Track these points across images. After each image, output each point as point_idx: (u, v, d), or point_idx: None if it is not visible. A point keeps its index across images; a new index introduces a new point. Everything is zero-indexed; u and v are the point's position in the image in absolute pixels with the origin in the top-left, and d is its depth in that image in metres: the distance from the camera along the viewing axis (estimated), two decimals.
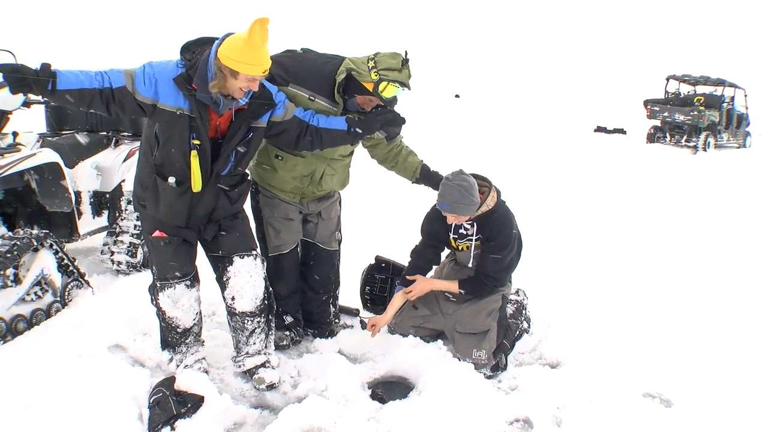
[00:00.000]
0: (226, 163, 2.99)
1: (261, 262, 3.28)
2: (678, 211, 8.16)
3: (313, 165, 3.40)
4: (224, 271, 3.22)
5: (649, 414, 3.11)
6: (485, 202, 3.46)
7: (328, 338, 3.78)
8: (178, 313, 3.24)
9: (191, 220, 3.08)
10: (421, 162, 3.69)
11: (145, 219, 3.21)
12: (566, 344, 3.71)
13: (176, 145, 2.89)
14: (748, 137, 18.25)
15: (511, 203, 3.63)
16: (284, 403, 3.11)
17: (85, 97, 2.75)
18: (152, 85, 2.80)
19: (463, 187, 3.33)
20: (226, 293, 3.26)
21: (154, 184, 3.00)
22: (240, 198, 3.21)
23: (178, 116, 2.83)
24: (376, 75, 3.10)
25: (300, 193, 3.50)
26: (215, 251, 3.24)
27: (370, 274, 4.21)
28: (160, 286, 3.21)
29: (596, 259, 5.61)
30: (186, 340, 3.31)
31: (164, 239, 3.13)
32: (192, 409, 2.92)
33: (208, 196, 3.03)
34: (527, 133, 17.04)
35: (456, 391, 3.09)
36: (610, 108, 25.44)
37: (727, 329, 4.11)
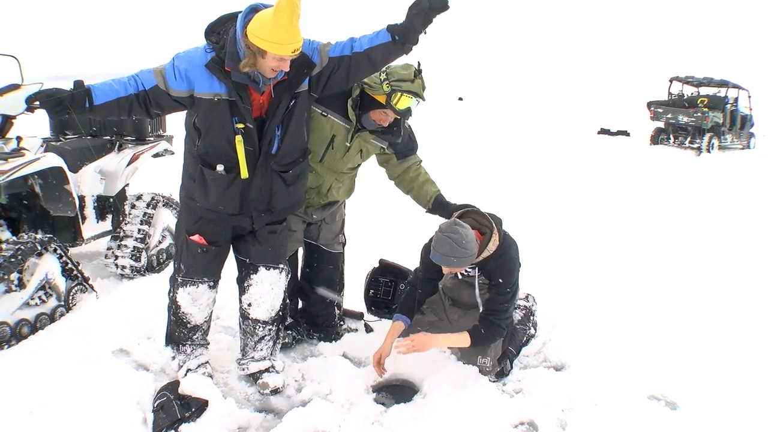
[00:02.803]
0: (273, 140, 2.88)
1: (286, 275, 3.27)
2: (683, 213, 8.14)
3: (320, 179, 3.40)
4: (247, 277, 3.21)
5: (655, 416, 3.10)
6: (486, 248, 3.18)
7: (333, 342, 3.77)
8: (194, 310, 3.22)
9: (244, 206, 2.97)
10: (437, 192, 3.57)
11: (187, 216, 3.10)
12: (571, 347, 3.69)
13: (219, 132, 2.79)
14: (752, 138, 18.19)
15: (515, 207, 3.55)
16: (288, 407, 3.10)
17: (123, 106, 2.72)
18: (184, 77, 2.72)
19: (453, 240, 3.05)
20: (243, 297, 3.25)
21: (201, 174, 2.90)
22: (297, 181, 3.05)
23: (217, 102, 2.74)
24: (388, 87, 3.07)
25: (306, 204, 3.49)
26: (244, 256, 3.21)
27: (374, 278, 4.19)
28: (182, 282, 3.17)
29: (601, 261, 5.59)
30: (193, 337, 3.29)
31: (202, 247, 3.06)
32: (196, 413, 2.92)
33: (260, 179, 2.91)
34: (531, 135, 17.06)
35: (460, 394, 3.08)
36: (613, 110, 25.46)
37: (732, 331, 4.08)
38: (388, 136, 3.36)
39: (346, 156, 3.34)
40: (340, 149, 3.31)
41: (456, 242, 3.05)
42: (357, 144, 3.33)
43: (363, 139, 3.32)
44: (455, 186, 3.64)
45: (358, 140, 3.32)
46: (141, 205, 4.92)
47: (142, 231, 4.80)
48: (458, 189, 3.63)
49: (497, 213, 3.40)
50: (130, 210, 4.89)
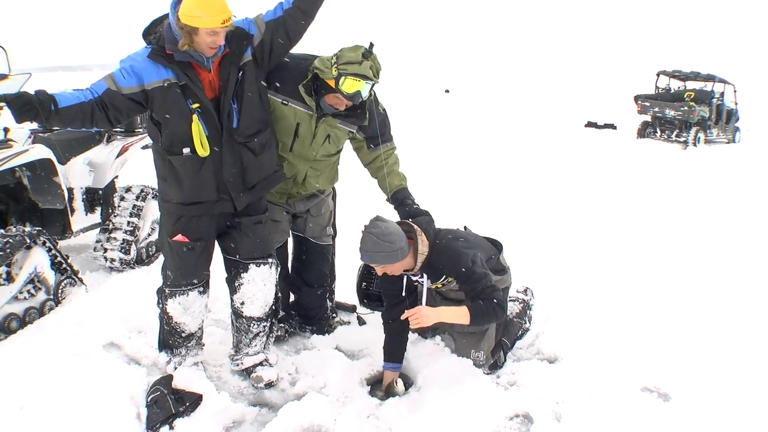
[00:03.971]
0: (232, 115, 2.89)
1: (276, 268, 3.25)
2: (671, 206, 8.17)
3: (294, 168, 3.36)
4: (237, 276, 3.19)
5: (648, 408, 3.11)
6: (419, 252, 3.13)
7: (326, 335, 3.76)
8: (187, 319, 3.20)
9: (221, 189, 2.96)
10: (399, 186, 3.50)
11: (167, 220, 3.08)
12: (564, 339, 3.70)
13: (177, 118, 2.81)
14: (737, 132, 18.29)
15: (503, 200, 3.50)
16: (283, 401, 3.10)
17: (86, 111, 2.72)
18: (131, 74, 2.76)
19: (374, 234, 3.01)
20: (235, 297, 3.23)
21: (171, 166, 2.91)
22: (265, 149, 3.04)
23: (168, 88, 2.77)
24: (335, 70, 3.03)
25: (286, 194, 3.46)
26: (232, 255, 3.18)
27: (366, 270, 4.19)
28: (170, 293, 3.14)
29: (591, 254, 5.60)
30: (188, 344, 3.28)
31: (186, 245, 3.04)
32: (190, 407, 2.90)
33: (229, 155, 2.92)
34: (518, 128, 17.05)
35: (455, 387, 3.08)
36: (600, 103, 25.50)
37: (723, 323, 4.10)
38: (353, 120, 3.31)
39: (314, 143, 3.30)
40: (307, 136, 3.27)
41: (378, 236, 3.01)
42: (323, 130, 3.28)
43: (328, 124, 3.27)
44: (442, 180, 3.62)
45: (324, 126, 3.27)
46: (130, 197, 4.87)
47: (132, 223, 4.76)
48: (445, 182, 3.61)
49: (485, 206, 3.37)
50: (120, 202, 4.85)
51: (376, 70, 3.05)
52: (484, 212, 3.36)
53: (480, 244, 3.45)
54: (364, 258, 3.10)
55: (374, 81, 3.06)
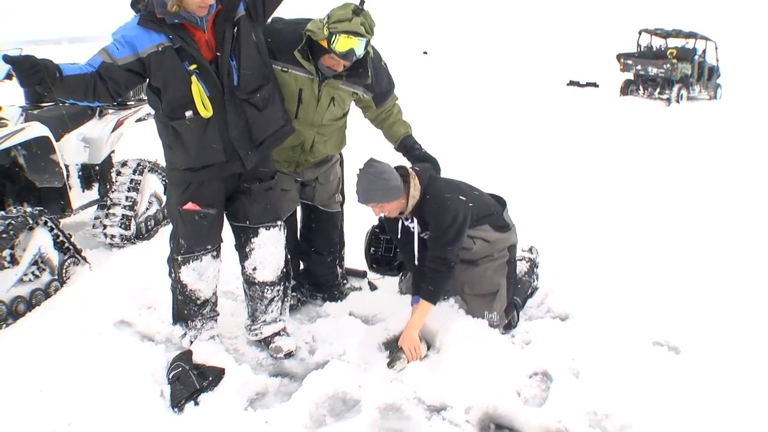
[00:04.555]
0: (231, 72, 2.83)
1: (284, 230, 3.24)
2: (663, 161, 8.24)
3: (300, 135, 3.31)
4: (248, 242, 3.16)
5: (660, 361, 3.17)
6: (411, 195, 3.20)
7: (338, 302, 3.76)
8: (202, 285, 3.16)
9: (228, 148, 2.90)
10: (406, 133, 3.55)
11: (176, 190, 3.03)
12: (573, 297, 3.74)
13: (175, 81, 2.75)
14: (718, 89, 18.41)
15: (489, 160, 3.47)
16: (303, 370, 3.11)
17: (89, 83, 2.65)
18: (125, 44, 2.69)
19: (369, 174, 3.11)
20: (247, 263, 3.21)
21: (175, 132, 2.85)
22: (269, 104, 2.98)
23: (162, 52, 2.70)
24: (327, 30, 2.96)
25: (294, 162, 3.43)
26: (241, 221, 3.14)
27: (374, 235, 4.18)
28: (183, 260, 3.08)
29: (589, 210, 5.64)
30: (203, 311, 3.24)
31: (198, 212, 2.98)
32: (213, 381, 2.91)
33: (233, 114, 2.86)
34: (500, 89, 16.98)
35: (474, 347, 3.11)
36: (582, 62, 25.47)
37: (730, 276, 4.17)
38: (355, 80, 3.25)
39: (319, 107, 3.25)
40: (311, 102, 3.23)
41: (373, 175, 3.10)
42: (326, 93, 3.23)
43: (332, 86, 3.22)
44: (424, 143, 3.60)
45: (327, 89, 3.22)
46: (127, 171, 4.81)
47: (130, 198, 4.71)
48: (428, 146, 3.58)
49: (471, 168, 3.35)
50: (117, 177, 4.78)
51: (369, 26, 2.99)
52: (471, 174, 3.36)
53: (479, 198, 3.45)
54: (361, 199, 3.16)
55: (367, 37, 2.99)
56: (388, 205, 3.18)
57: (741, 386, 2.96)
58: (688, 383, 2.97)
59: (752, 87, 19.51)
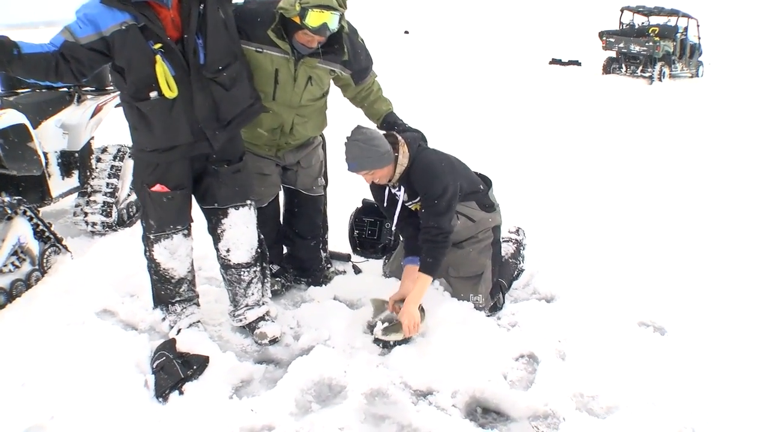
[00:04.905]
0: (197, 51, 2.76)
1: (254, 208, 3.20)
2: (647, 138, 8.29)
3: (279, 118, 3.26)
4: (218, 224, 3.12)
5: (646, 342, 3.19)
6: (399, 162, 3.15)
7: (322, 286, 3.74)
8: (175, 263, 3.13)
9: (195, 128, 2.85)
10: (388, 110, 3.49)
11: (143, 170, 2.97)
12: (559, 278, 3.76)
13: (140, 61, 2.66)
14: (700, 67, 18.53)
15: (472, 140, 3.43)
16: (289, 356, 3.09)
17: (50, 62, 2.57)
18: (87, 23, 2.61)
19: (359, 140, 3.06)
20: (220, 245, 3.17)
21: (140, 113, 2.78)
22: (236, 83, 2.92)
23: (126, 30, 2.62)
24: (298, 6, 2.89)
25: (275, 146, 3.37)
26: (209, 203, 3.11)
27: (357, 218, 4.16)
28: (154, 239, 3.07)
29: (574, 191, 5.66)
30: (180, 290, 3.21)
31: (166, 194, 2.95)
32: (198, 370, 2.87)
33: (200, 93, 2.80)
34: (482, 68, 16.92)
35: (460, 330, 3.11)
36: (564, 40, 25.43)
37: (715, 257, 4.21)
38: (331, 57, 3.18)
39: (296, 87, 3.19)
40: (288, 82, 3.16)
41: (363, 142, 3.06)
42: (303, 72, 3.16)
43: (308, 65, 3.15)
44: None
45: (303, 68, 3.15)
46: (107, 158, 4.73)
47: (111, 185, 4.63)
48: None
49: (455, 147, 3.32)
50: (97, 164, 4.70)
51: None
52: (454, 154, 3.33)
53: (466, 174, 3.43)
54: (352, 167, 3.11)
55: (340, 11, 2.93)
56: (379, 171, 3.14)
57: (727, 367, 2.99)
58: (674, 364, 2.99)
59: (734, 64, 19.64)
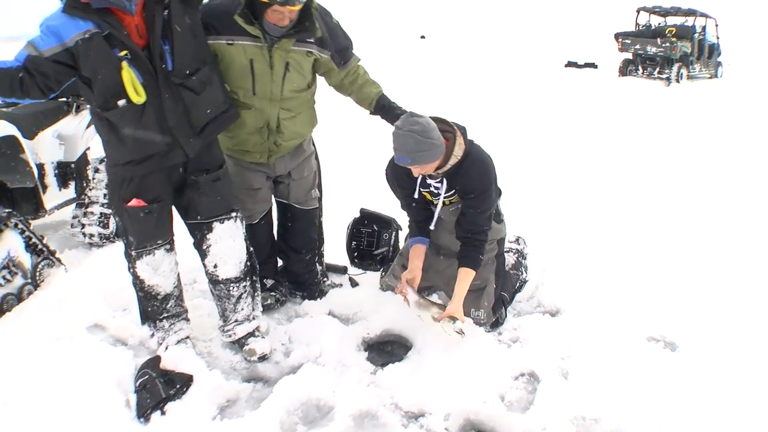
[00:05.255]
0: (165, 57, 2.67)
1: (241, 221, 3.09)
2: (662, 144, 8.09)
3: (264, 114, 3.11)
4: (203, 239, 3.02)
5: (655, 359, 3.03)
6: (453, 153, 2.96)
7: (318, 300, 3.62)
8: (159, 279, 3.03)
9: (167, 136, 2.75)
10: (379, 93, 3.32)
11: (118, 185, 2.88)
12: (564, 290, 3.61)
13: (106, 70, 2.58)
14: (719, 67, 18.24)
15: (485, 144, 3.28)
16: (278, 374, 2.98)
17: (14, 77, 2.49)
18: (50, 34, 2.54)
19: (416, 132, 2.82)
20: (207, 261, 3.07)
21: (110, 125, 2.70)
22: (206, 87, 2.82)
23: (90, 39, 2.53)
24: None
25: (266, 150, 3.23)
26: (192, 217, 3.01)
27: (355, 229, 4.05)
28: (136, 255, 2.97)
29: (584, 198, 5.49)
30: (167, 306, 3.11)
31: (143, 209, 2.85)
32: (182, 389, 2.77)
33: (170, 100, 2.71)
34: (498, 71, 16.78)
35: (456, 348, 2.97)
36: (580, 42, 25.21)
37: (730, 267, 4.02)
38: (305, 35, 3.02)
39: (275, 75, 3.04)
40: (265, 71, 3.03)
41: (419, 133, 2.83)
42: (279, 58, 3.02)
43: (283, 49, 3.01)
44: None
45: (278, 53, 3.01)
46: (105, 168, 4.66)
47: (108, 195, 4.56)
48: None
49: None
50: (94, 174, 4.63)
51: None
52: None
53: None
54: (403, 160, 2.92)
55: None
56: (431, 165, 2.95)
57: (744, 387, 2.82)
58: (686, 383, 2.83)
59: (754, 64, 19.29)
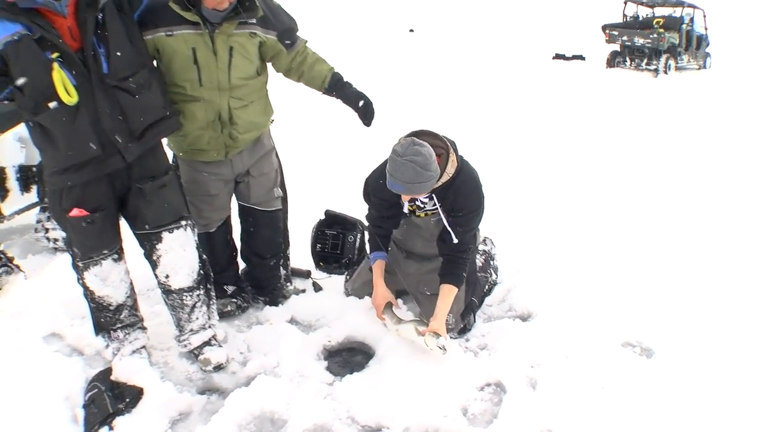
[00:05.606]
0: (99, 59, 2.55)
1: (192, 228, 2.96)
2: (647, 137, 7.97)
3: (214, 105, 2.98)
4: (153, 249, 2.88)
5: (630, 366, 2.94)
6: (445, 171, 2.86)
7: (279, 305, 3.50)
8: (109, 290, 2.91)
9: (104, 140, 2.61)
10: (331, 70, 3.20)
11: (57, 196, 2.75)
12: (537, 293, 3.50)
13: (36, 70, 2.45)
14: (707, 58, 18.16)
15: (471, 140, 3.16)
16: (234, 385, 2.86)
17: None
18: None
19: (417, 164, 2.70)
20: (158, 271, 2.94)
21: (43, 130, 2.57)
22: (144, 89, 2.69)
23: (19, 41, 2.41)
24: None
25: (223, 146, 3.09)
26: (140, 227, 2.87)
27: (320, 231, 3.94)
28: (83, 266, 2.85)
29: (561, 196, 5.36)
30: (120, 317, 2.99)
31: (85, 218, 2.71)
32: (131, 403, 2.66)
33: (104, 101, 2.57)
34: (486, 64, 16.62)
35: (419, 357, 2.85)
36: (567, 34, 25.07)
37: (711, 269, 3.91)
38: (246, 15, 2.92)
39: (220, 63, 2.92)
40: (209, 60, 2.90)
41: (420, 165, 2.71)
42: (222, 44, 2.90)
43: (225, 34, 2.89)
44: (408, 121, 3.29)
45: (221, 38, 2.89)
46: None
47: None
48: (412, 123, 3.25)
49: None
50: None
51: None
52: None
53: None
54: (396, 187, 2.81)
55: None
56: (422, 194, 2.90)
57: (723, 395, 2.72)
58: (661, 392, 2.74)
59: (743, 55, 19.23)
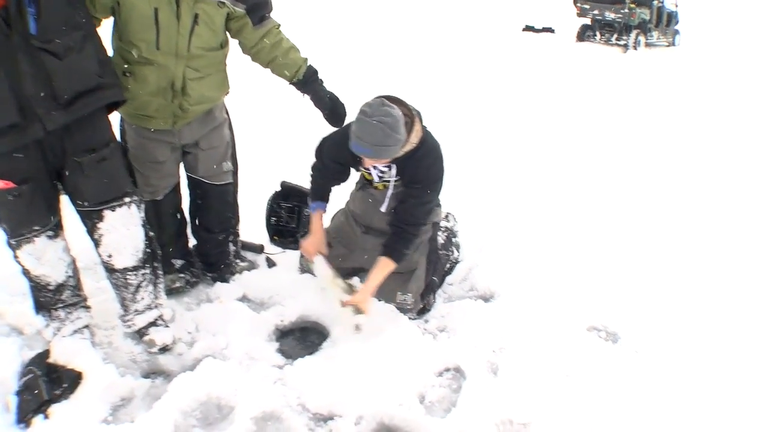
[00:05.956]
0: (25, 15, 2.29)
1: (137, 205, 2.73)
2: (614, 113, 7.89)
3: (168, 71, 2.77)
4: (94, 228, 2.66)
5: (595, 351, 2.86)
6: (409, 140, 2.72)
7: (230, 282, 3.33)
8: (46, 269, 2.68)
9: (25, 106, 2.36)
10: (306, 60, 3.02)
11: None
12: (500, 273, 3.39)
13: None
14: (677, 35, 18.17)
15: (435, 111, 2.99)
16: (180, 368, 2.70)
17: None
18: None
19: (386, 125, 2.56)
20: (100, 250, 2.72)
21: None
22: (73, 53, 2.42)
23: None
24: None
25: (171, 115, 2.89)
26: (80, 204, 2.64)
27: (275, 203, 3.77)
28: (16, 244, 2.61)
29: (528, 172, 5.22)
30: (61, 297, 2.77)
31: (12, 191, 2.46)
32: (69, 389, 2.47)
33: (26, 63, 2.32)
34: (451, 33, 16.36)
35: (375, 339, 2.73)
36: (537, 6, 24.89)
37: (680, 251, 3.84)
38: None
39: (182, 28, 2.72)
40: (171, 23, 2.69)
41: (390, 127, 2.57)
42: (187, 9, 2.69)
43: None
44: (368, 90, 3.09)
45: (186, 4, 2.69)
46: None
47: None
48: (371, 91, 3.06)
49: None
50: None
51: None
52: None
53: None
54: (362, 150, 2.65)
55: None
56: (386, 160, 2.75)
57: (691, 382, 2.66)
58: (627, 379, 2.66)
59: (711, 33, 19.31)
